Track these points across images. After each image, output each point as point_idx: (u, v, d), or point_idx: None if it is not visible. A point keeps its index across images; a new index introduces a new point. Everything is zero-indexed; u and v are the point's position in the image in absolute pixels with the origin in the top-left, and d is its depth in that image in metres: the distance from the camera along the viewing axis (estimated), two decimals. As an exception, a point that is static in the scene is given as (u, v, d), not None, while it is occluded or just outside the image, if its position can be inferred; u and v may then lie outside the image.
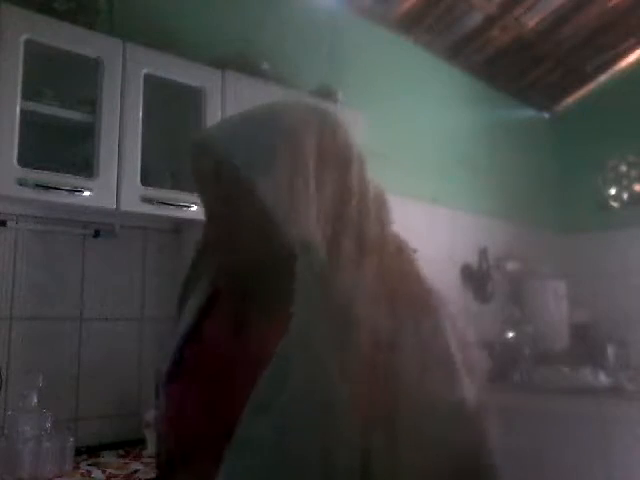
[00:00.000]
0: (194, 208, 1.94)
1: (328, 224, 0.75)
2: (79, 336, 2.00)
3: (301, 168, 0.75)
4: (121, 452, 1.89)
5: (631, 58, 4.22)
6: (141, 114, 1.89)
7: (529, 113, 4.50)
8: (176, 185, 1.98)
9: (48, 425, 1.65)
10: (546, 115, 4.63)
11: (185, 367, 0.85)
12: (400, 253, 0.83)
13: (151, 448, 1.85)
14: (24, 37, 1.67)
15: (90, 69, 1.83)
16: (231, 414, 0.72)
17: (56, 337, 1.95)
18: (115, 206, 1.81)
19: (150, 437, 1.88)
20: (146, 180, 1.89)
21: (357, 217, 0.78)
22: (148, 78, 1.92)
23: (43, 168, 1.70)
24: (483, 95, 4.01)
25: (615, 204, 4.31)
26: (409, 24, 3.38)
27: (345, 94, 2.65)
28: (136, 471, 1.69)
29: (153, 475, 1.48)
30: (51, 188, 1.69)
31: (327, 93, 2.57)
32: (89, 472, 1.67)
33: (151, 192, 1.89)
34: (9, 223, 1.87)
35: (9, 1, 1.69)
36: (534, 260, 3.94)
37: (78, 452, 1.76)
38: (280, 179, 0.73)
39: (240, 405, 0.71)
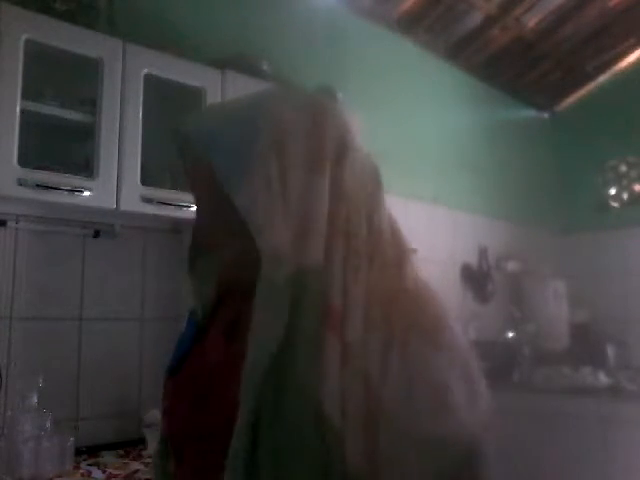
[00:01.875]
0: (194, 208, 1.94)
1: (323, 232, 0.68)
2: (79, 336, 2.00)
3: (283, 175, 0.69)
4: (121, 452, 1.89)
5: (631, 58, 4.22)
6: (141, 114, 1.89)
7: (529, 113, 4.50)
8: (176, 185, 1.97)
9: (48, 425, 1.65)
10: (546, 115, 4.63)
11: (186, 366, 0.85)
12: (400, 264, 0.75)
13: (151, 448, 1.85)
14: (24, 37, 1.67)
15: (90, 69, 1.83)
16: (222, 415, 0.71)
17: (56, 337, 1.95)
18: (115, 206, 1.81)
19: (150, 437, 1.88)
20: (146, 180, 1.89)
21: (349, 225, 0.71)
22: (148, 78, 1.92)
23: (43, 168, 1.70)
24: (483, 95, 4.01)
25: (615, 204, 4.31)
26: (409, 24, 3.38)
27: (345, 94, 2.65)
28: (136, 471, 1.69)
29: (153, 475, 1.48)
30: (51, 188, 1.69)
31: (327, 93, 2.57)
32: (89, 472, 1.67)
33: (151, 192, 1.89)
34: (9, 223, 1.87)
35: (9, 1, 1.69)
36: (534, 260, 3.94)
37: (78, 452, 1.76)
38: (257, 188, 0.68)
39: (229, 407, 0.69)
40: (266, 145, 0.69)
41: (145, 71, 1.91)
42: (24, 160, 1.66)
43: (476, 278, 3.64)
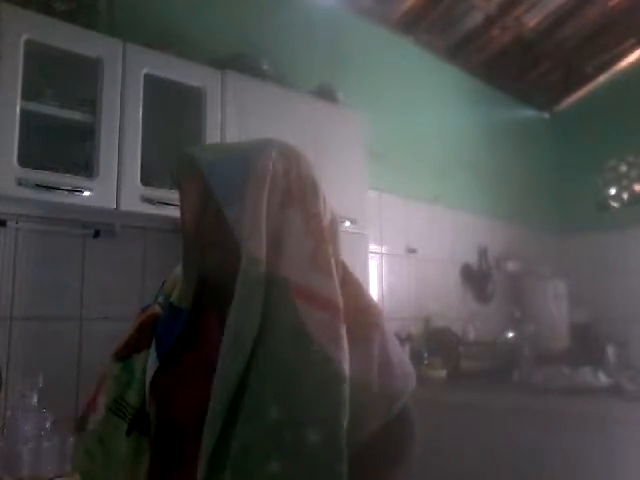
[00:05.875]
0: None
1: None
2: (79, 336, 2.00)
3: (262, 203, 0.89)
4: (121, 452, 1.89)
5: (631, 58, 4.22)
6: (141, 114, 1.89)
7: (529, 113, 4.50)
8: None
9: (48, 425, 1.65)
10: (546, 115, 4.63)
11: (189, 355, 0.95)
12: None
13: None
14: (24, 37, 1.67)
15: (90, 69, 1.83)
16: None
17: (56, 337, 1.95)
18: (115, 206, 1.81)
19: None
20: (146, 180, 1.89)
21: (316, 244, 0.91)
22: (148, 78, 1.91)
23: (43, 168, 1.70)
24: (483, 95, 4.01)
25: (615, 204, 4.31)
26: (409, 24, 3.38)
27: (345, 94, 2.65)
28: (136, 471, 1.69)
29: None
30: (51, 188, 1.69)
31: (327, 93, 2.57)
32: (89, 472, 1.67)
33: (151, 192, 1.88)
34: (9, 223, 1.86)
35: (9, 1, 1.69)
36: (534, 260, 3.94)
37: (78, 452, 1.76)
38: (244, 207, 0.88)
39: None
40: (256, 178, 0.90)
41: (145, 71, 1.91)
42: (24, 160, 1.66)
43: (476, 278, 3.64)
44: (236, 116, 2.11)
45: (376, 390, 0.86)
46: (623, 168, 4.27)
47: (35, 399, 1.64)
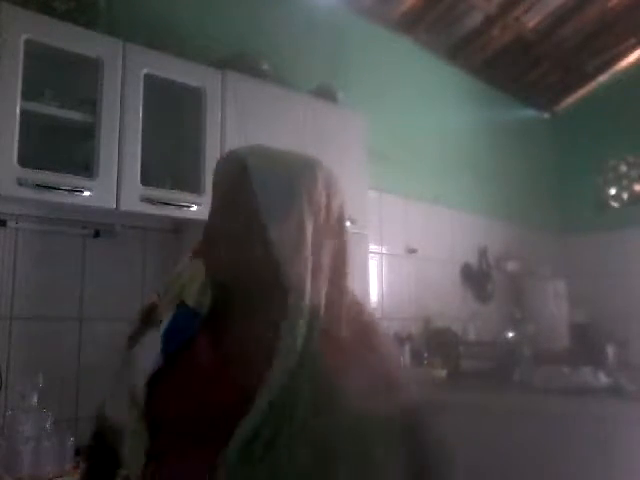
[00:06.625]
0: (194, 208, 1.94)
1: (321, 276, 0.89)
2: (79, 336, 2.00)
3: (308, 225, 0.89)
4: (121, 452, 1.89)
5: (631, 58, 4.23)
6: (141, 114, 1.89)
7: (529, 113, 4.50)
8: (176, 185, 1.97)
9: (48, 425, 1.65)
10: (546, 115, 4.63)
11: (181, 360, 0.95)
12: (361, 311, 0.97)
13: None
14: (24, 37, 1.67)
15: (90, 69, 1.83)
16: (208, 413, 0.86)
17: (56, 337, 1.95)
18: (115, 206, 1.81)
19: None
20: (146, 180, 1.89)
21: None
22: (148, 78, 1.91)
23: (43, 168, 1.70)
24: (483, 95, 4.01)
25: (615, 204, 4.31)
26: (409, 24, 3.38)
27: (345, 94, 2.65)
28: (136, 471, 1.69)
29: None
30: (51, 188, 1.69)
31: (327, 93, 2.57)
32: (89, 472, 1.67)
33: (151, 192, 1.88)
34: (9, 223, 1.87)
35: (9, 1, 1.69)
36: (534, 260, 3.94)
37: (78, 452, 1.76)
38: (291, 229, 0.88)
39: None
40: (305, 203, 0.90)
41: (145, 71, 1.91)
42: (24, 160, 1.66)
43: (476, 278, 3.64)
44: (236, 116, 2.11)
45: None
46: (623, 168, 4.27)
47: (35, 399, 1.64)
